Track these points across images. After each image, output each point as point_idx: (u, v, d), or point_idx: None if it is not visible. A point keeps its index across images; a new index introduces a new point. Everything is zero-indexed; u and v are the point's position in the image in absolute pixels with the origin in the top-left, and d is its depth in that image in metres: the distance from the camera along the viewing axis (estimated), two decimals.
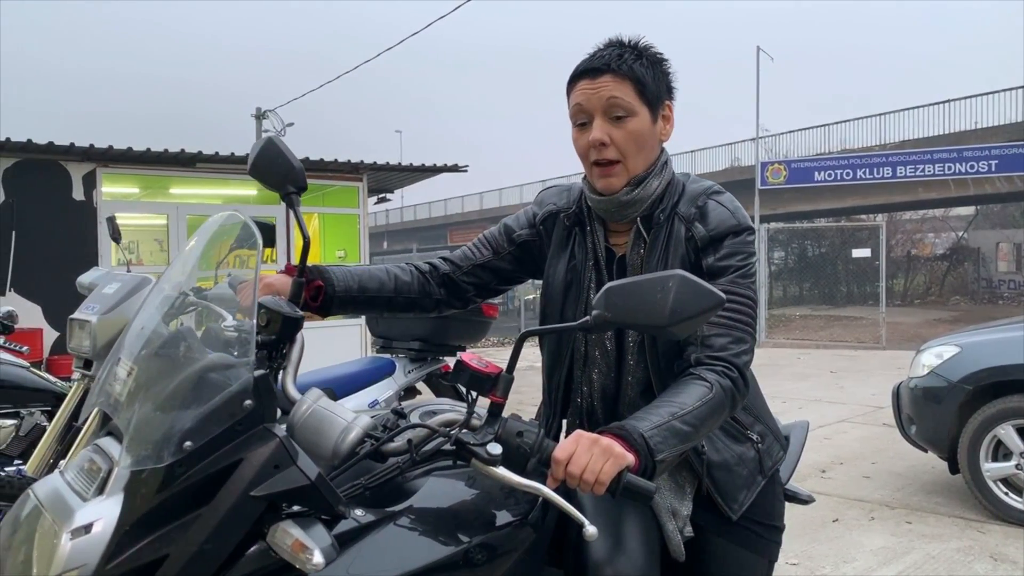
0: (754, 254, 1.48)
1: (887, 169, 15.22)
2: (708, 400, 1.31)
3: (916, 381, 4.75)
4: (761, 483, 1.55)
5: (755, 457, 1.55)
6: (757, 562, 1.55)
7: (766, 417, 1.64)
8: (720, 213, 1.47)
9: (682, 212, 1.49)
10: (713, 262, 1.44)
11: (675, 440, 1.24)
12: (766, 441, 1.59)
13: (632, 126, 1.44)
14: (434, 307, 1.70)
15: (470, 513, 1.24)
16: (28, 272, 7.82)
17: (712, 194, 1.51)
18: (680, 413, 1.27)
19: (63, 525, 0.94)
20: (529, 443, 1.15)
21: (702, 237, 1.46)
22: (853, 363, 11.28)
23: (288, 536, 0.98)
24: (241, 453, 1.00)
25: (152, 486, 0.96)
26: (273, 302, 1.31)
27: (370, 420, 1.19)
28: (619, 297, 1.13)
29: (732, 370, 1.37)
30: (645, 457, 1.19)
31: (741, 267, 1.44)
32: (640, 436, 1.20)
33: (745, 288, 1.43)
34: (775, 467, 1.61)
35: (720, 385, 1.34)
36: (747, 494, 1.52)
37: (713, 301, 1.13)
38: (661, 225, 1.49)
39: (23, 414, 3.80)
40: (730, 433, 1.53)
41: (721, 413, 1.36)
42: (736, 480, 1.51)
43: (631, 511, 1.44)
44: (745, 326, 1.42)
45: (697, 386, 1.33)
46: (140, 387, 1.05)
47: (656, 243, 1.49)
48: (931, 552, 3.85)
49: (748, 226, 1.48)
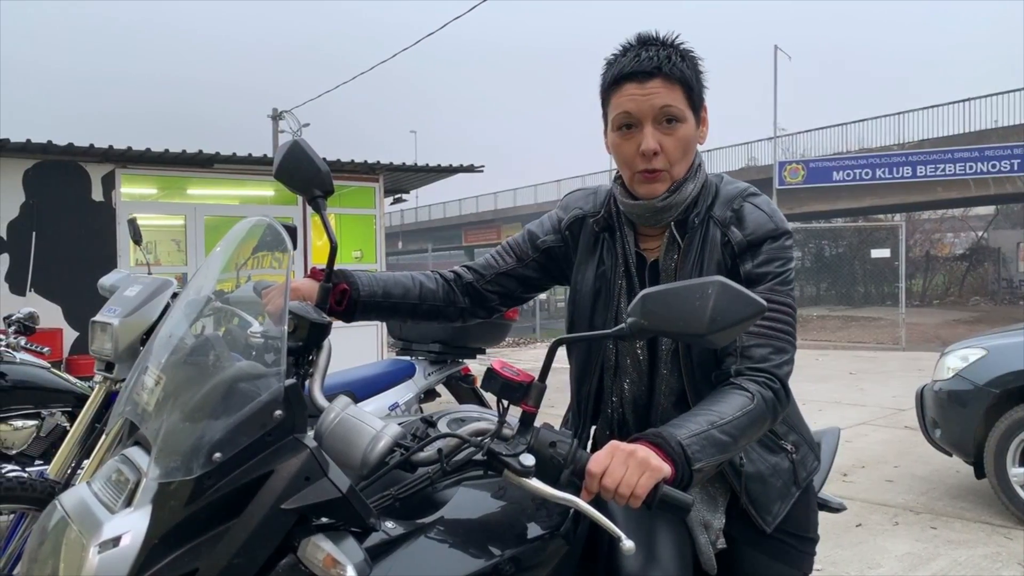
0: (793, 259, 1.44)
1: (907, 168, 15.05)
2: (749, 411, 1.28)
3: (941, 384, 4.68)
4: (795, 494, 1.51)
5: (789, 468, 1.50)
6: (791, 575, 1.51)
7: (800, 426, 1.60)
8: (757, 217, 1.43)
9: (717, 216, 1.45)
10: (751, 269, 1.40)
11: (713, 450, 1.20)
12: (800, 451, 1.55)
13: (681, 133, 1.41)
14: (458, 316, 1.67)
15: (501, 525, 1.21)
16: (48, 272, 7.88)
17: (748, 196, 1.46)
18: (719, 422, 1.23)
19: (91, 538, 0.92)
20: (562, 454, 1.12)
21: (739, 242, 1.42)
22: (872, 364, 11.17)
23: (320, 551, 0.96)
24: (271, 465, 0.97)
25: (181, 498, 0.94)
26: (300, 308, 1.29)
27: (399, 429, 1.16)
28: (656, 304, 1.10)
29: (774, 381, 1.33)
30: (682, 467, 1.15)
31: (780, 273, 1.40)
32: (678, 444, 1.17)
33: (785, 296, 1.39)
34: (809, 477, 1.57)
35: (762, 396, 1.30)
36: (781, 505, 1.48)
37: (754, 309, 1.09)
38: (696, 229, 1.45)
39: (44, 415, 3.81)
40: (764, 443, 1.48)
41: (762, 425, 1.32)
42: (770, 492, 1.47)
43: (664, 522, 1.40)
44: (786, 335, 1.37)
45: (738, 396, 1.30)
46: (168, 396, 1.03)
47: (691, 248, 1.45)
48: (958, 558, 3.78)
49: (786, 230, 1.44)
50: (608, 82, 1.43)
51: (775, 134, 15.83)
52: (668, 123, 1.39)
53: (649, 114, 1.38)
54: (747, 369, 1.34)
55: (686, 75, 1.40)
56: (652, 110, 1.38)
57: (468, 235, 42.31)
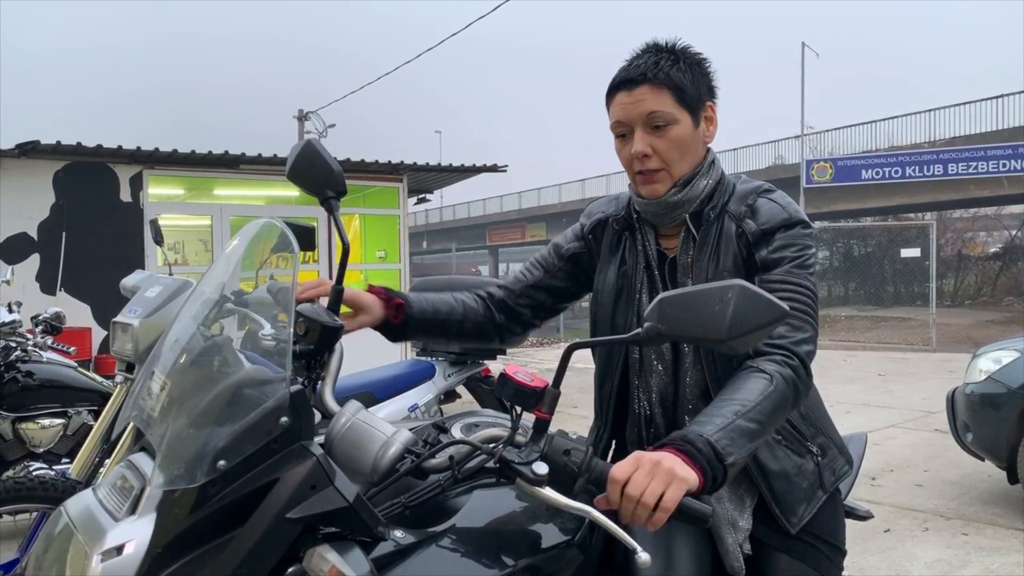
0: (811, 247, 1.43)
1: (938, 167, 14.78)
2: (770, 393, 1.25)
3: (973, 387, 4.58)
4: (822, 498, 1.48)
5: (815, 470, 1.48)
6: None
7: (829, 429, 1.57)
8: (771, 208, 1.44)
9: (732, 210, 1.46)
10: (767, 255, 1.40)
11: (743, 440, 1.18)
12: (828, 455, 1.52)
13: (673, 134, 1.42)
14: (496, 334, 1.67)
15: (515, 534, 1.18)
16: (77, 272, 7.99)
17: (763, 192, 1.48)
18: (744, 410, 1.20)
19: (94, 546, 0.91)
20: (577, 462, 1.09)
21: (753, 232, 1.42)
22: (902, 366, 10.98)
23: (325, 562, 0.94)
24: (277, 473, 0.95)
25: (185, 507, 0.93)
26: (311, 310, 1.27)
27: (410, 435, 1.14)
28: (673, 308, 1.06)
29: (792, 358, 1.30)
30: (714, 466, 1.12)
31: (796, 257, 1.39)
32: (706, 444, 1.13)
33: (802, 278, 1.38)
34: (837, 482, 1.54)
35: (781, 375, 1.27)
36: (807, 508, 1.45)
37: (776, 313, 1.06)
38: (711, 223, 1.46)
39: (71, 413, 3.87)
40: (789, 443, 1.46)
41: (786, 406, 1.28)
42: (795, 491, 1.44)
43: (683, 533, 1.37)
44: (804, 315, 1.35)
45: (757, 379, 1.26)
46: (173, 402, 1.02)
47: (707, 241, 1.45)
48: (990, 566, 3.69)
49: (801, 219, 1.43)
50: (607, 91, 1.48)
51: (803, 132, 15.61)
52: (656, 128, 1.42)
53: (638, 120, 1.42)
54: (765, 346, 1.31)
55: (673, 79, 1.41)
56: (640, 117, 1.42)
57: (492, 235, 42.35)
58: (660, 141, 1.42)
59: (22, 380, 3.76)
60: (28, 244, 7.91)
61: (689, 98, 1.42)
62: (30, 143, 7.60)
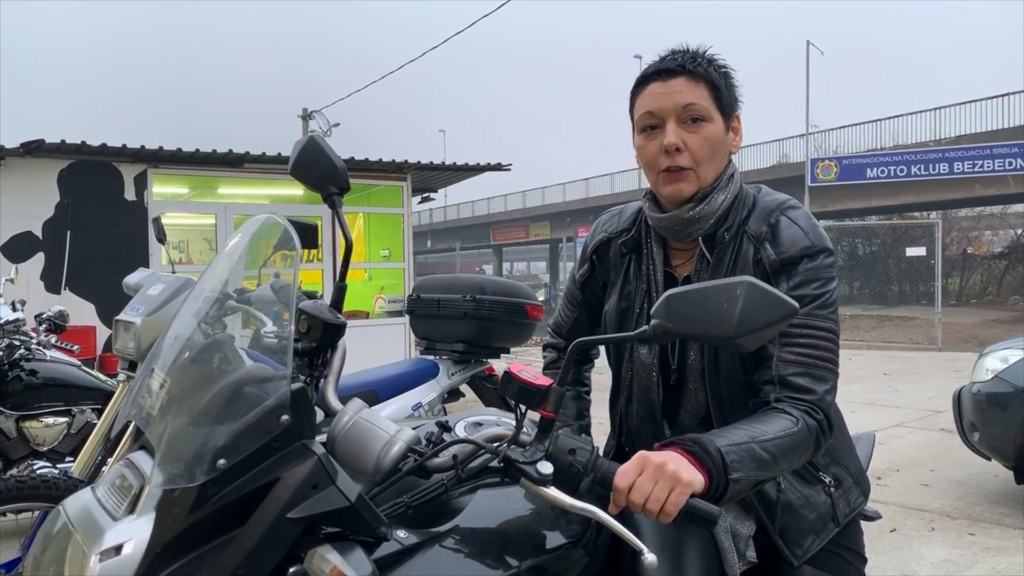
0: (834, 279, 1.35)
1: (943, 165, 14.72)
2: (792, 433, 1.22)
3: (979, 386, 4.56)
4: (833, 531, 1.42)
5: (827, 502, 1.42)
6: None
7: (847, 459, 1.50)
8: (793, 233, 1.35)
9: (752, 230, 1.37)
10: (787, 291, 1.30)
11: (752, 464, 1.15)
12: (843, 486, 1.45)
13: (707, 132, 1.36)
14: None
15: (519, 534, 1.17)
16: (82, 271, 8.00)
17: (786, 209, 1.38)
18: (760, 439, 1.18)
19: (92, 546, 0.89)
20: (582, 461, 1.07)
21: (772, 262, 1.34)
22: (907, 365, 10.95)
23: (326, 563, 0.92)
24: (278, 472, 0.94)
25: (184, 506, 0.91)
26: (314, 307, 1.26)
27: (413, 434, 1.12)
28: (681, 305, 1.05)
29: (817, 412, 1.27)
30: (719, 474, 1.10)
31: (819, 296, 1.31)
32: (717, 451, 1.12)
33: (824, 320, 1.31)
34: (853, 515, 1.47)
35: (805, 423, 1.25)
36: (815, 540, 1.39)
37: (786, 310, 1.04)
38: (727, 244, 1.38)
39: (74, 412, 3.87)
40: (799, 473, 1.40)
41: (803, 451, 1.26)
42: (802, 524, 1.39)
43: (691, 536, 1.35)
44: (827, 363, 1.30)
45: (780, 418, 1.24)
46: (173, 400, 1.01)
47: (721, 265, 1.38)
48: (997, 566, 3.67)
49: (825, 247, 1.35)
50: (635, 84, 1.41)
51: (807, 131, 15.56)
52: (692, 122, 1.35)
53: (672, 112, 1.35)
54: (787, 398, 1.28)
55: (711, 75, 1.36)
56: (675, 108, 1.35)
57: (496, 234, 42.34)
58: (693, 137, 1.35)
59: (26, 379, 3.76)
60: (33, 243, 7.92)
61: (724, 99, 1.37)
62: (35, 142, 7.61)
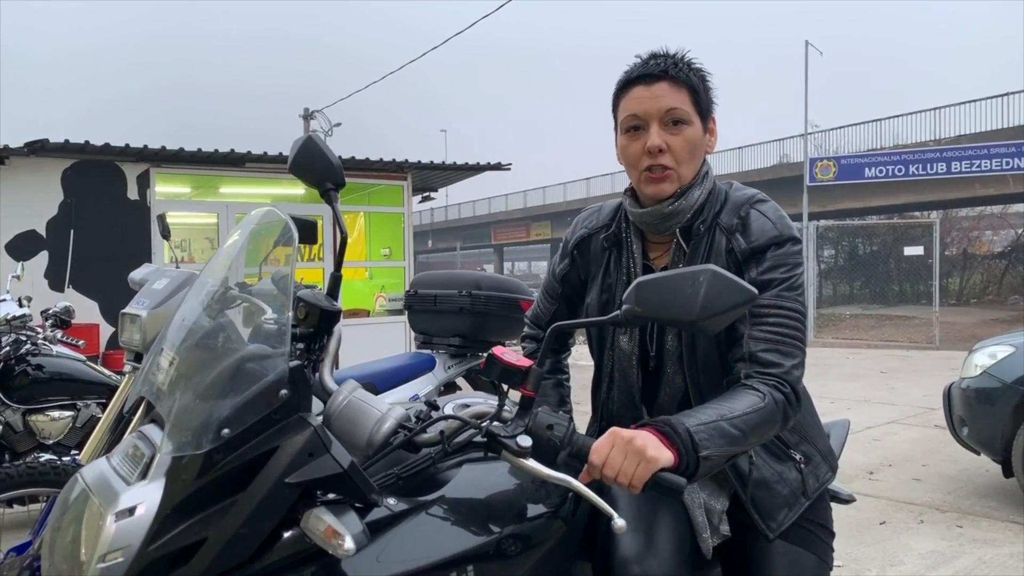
0: (800, 264, 1.44)
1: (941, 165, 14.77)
2: (759, 409, 1.30)
3: (968, 382, 4.63)
4: (804, 504, 1.51)
5: (798, 478, 1.51)
6: (812, 561, 1.50)
7: (815, 437, 1.59)
8: (762, 224, 1.44)
9: (724, 223, 1.46)
10: (756, 276, 1.40)
11: (721, 440, 1.23)
12: (812, 463, 1.54)
13: (688, 134, 1.44)
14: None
15: (502, 504, 1.26)
16: (85, 269, 8.08)
17: (755, 203, 1.47)
18: (729, 416, 1.26)
19: (108, 508, 0.98)
20: (559, 436, 1.16)
21: (743, 251, 1.43)
22: (905, 363, 11.01)
23: (321, 522, 1.01)
24: (277, 441, 1.02)
25: (192, 472, 1.00)
26: (312, 295, 1.35)
27: (404, 411, 1.21)
28: (650, 291, 1.13)
29: (784, 385, 1.35)
30: (688, 453, 1.18)
31: (786, 279, 1.40)
32: (685, 431, 1.20)
33: (791, 301, 1.40)
34: (821, 488, 1.56)
35: (772, 397, 1.33)
36: (788, 514, 1.48)
37: (745, 296, 1.12)
38: (701, 236, 1.47)
39: (79, 406, 3.94)
40: (771, 451, 1.50)
41: (772, 425, 1.34)
42: (775, 499, 1.48)
43: (665, 511, 1.43)
44: (794, 340, 1.39)
45: (748, 395, 1.32)
46: (181, 376, 1.09)
47: (696, 255, 1.47)
48: (983, 557, 3.74)
49: (791, 236, 1.44)
50: (618, 87, 1.49)
51: (806, 131, 15.63)
52: (674, 124, 1.44)
53: (655, 115, 1.43)
54: (756, 373, 1.36)
55: (692, 81, 1.45)
56: (659, 112, 1.43)
57: (497, 233, 42.42)
58: (675, 139, 1.43)
59: (32, 373, 3.83)
60: (37, 241, 8.00)
61: (703, 102, 1.46)
62: (39, 141, 7.70)
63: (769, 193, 1.58)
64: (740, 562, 1.49)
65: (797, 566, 1.47)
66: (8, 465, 2.59)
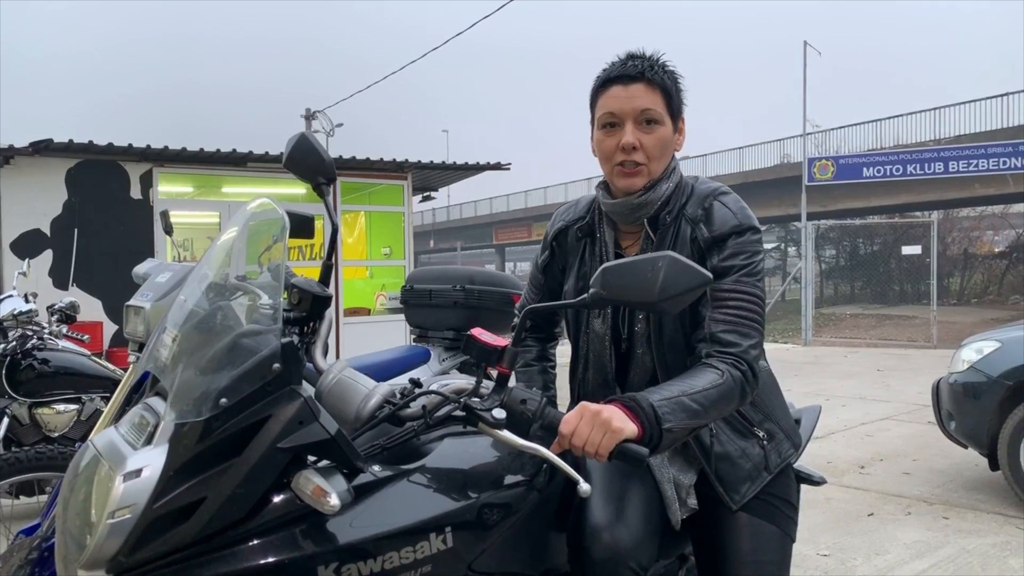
0: (760, 253, 1.54)
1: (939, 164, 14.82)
2: (718, 385, 1.39)
3: (956, 376, 4.72)
4: (767, 478, 1.61)
5: (760, 453, 1.61)
6: (774, 533, 1.59)
7: (778, 416, 1.69)
8: (723, 214, 1.53)
9: (689, 213, 1.56)
10: (717, 263, 1.50)
11: (683, 414, 1.32)
12: (775, 439, 1.64)
13: (660, 133, 1.55)
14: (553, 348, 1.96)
15: (480, 474, 1.35)
16: (89, 268, 8.19)
17: (718, 195, 1.57)
18: (690, 392, 1.36)
19: (117, 470, 1.08)
20: (532, 410, 1.26)
21: (705, 239, 1.52)
22: (902, 362, 11.10)
23: (309, 483, 1.11)
24: (270, 410, 1.12)
25: (193, 437, 1.09)
26: (304, 282, 1.45)
27: (389, 388, 1.31)
28: (613, 276, 1.24)
29: (742, 363, 1.44)
30: (652, 425, 1.27)
31: (745, 266, 1.50)
32: (649, 406, 1.29)
33: (750, 286, 1.49)
34: (784, 464, 1.66)
35: (731, 375, 1.42)
36: (750, 487, 1.58)
37: (700, 279, 1.22)
38: (668, 226, 1.57)
39: (84, 400, 4.01)
40: (735, 428, 1.59)
41: (730, 400, 1.43)
42: (739, 472, 1.57)
43: (637, 485, 1.53)
44: (752, 322, 1.48)
45: (708, 372, 1.42)
46: (183, 352, 1.19)
47: (664, 244, 1.56)
48: (965, 546, 3.83)
49: (751, 226, 1.54)
50: (597, 84, 1.59)
51: (804, 130, 15.71)
52: (647, 124, 1.54)
53: (631, 114, 1.53)
54: (716, 352, 1.45)
55: (666, 83, 1.55)
56: (634, 112, 1.53)
57: (499, 234, 42.50)
58: (648, 137, 1.53)
59: (38, 367, 3.91)
60: (41, 240, 8.11)
61: (674, 104, 1.57)
62: (43, 141, 7.80)
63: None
64: (707, 533, 1.59)
65: (760, 537, 1.57)
66: (17, 450, 2.68)
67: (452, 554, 1.24)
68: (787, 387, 8.01)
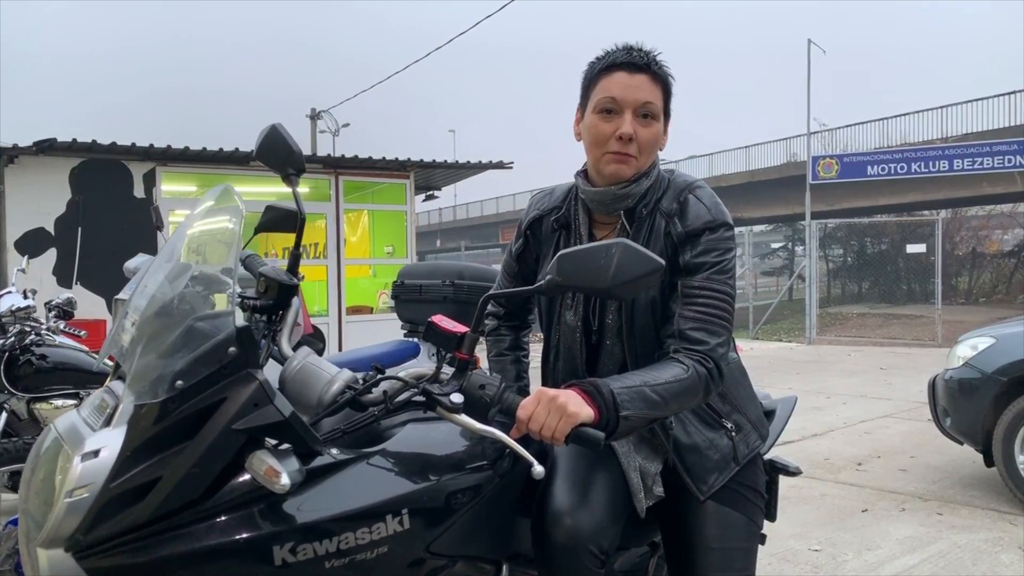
0: (732, 249, 1.54)
1: (943, 163, 14.71)
2: (682, 379, 1.41)
3: (951, 373, 4.70)
4: (734, 469, 1.62)
5: (729, 444, 1.62)
6: (741, 521, 1.61)
7: (747, 408, 1.70)
8: (697, 209, 1.53)
9: (664, 207, 1.56)
10: (690, 259, 1.50)
11: (642, 403, 1.34)
12: (742, 431, 1.65)
13: (654, 129, 1.55)
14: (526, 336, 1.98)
15: (440, 458, 1.37)
16: (92, 266, 8.26)
17: (693, 189, 1.57)
18: (652, 383, 1.37)
19: (76, 450, 1.10)
20: (490, 394, 1.28)
21: (679, 234, 1.52)
22: (905, 360, 11.06)
23: (262, 463, 1.13)
24: (225, 393, 1.15)
25: (150, 419, 1.12)
26: (272, 271, 1.48)
27: (351, 374, 1.33)
28: (569, 263, 1.25)
29: (708, 361, 1.45)
30: (609, 411, 1.29)
31: (717, 263, 1.50)
32: (609, 392, 1.31)
33: (721, 284, 1.49)
34: (751, 455, 1.67)
35: (696, 371, 1.43)
36: (718, 477, 1.59)
37: (652, 266, 1.24)
38: (643, 219, 1.57)
39: (82, 395, 4.04)
40: (703, 419, 1.61)
41: (693, 395, 1.44)
42: (706, 463, 1.59)
43: (602, 473, 1.54)
44: (721, 320, 1.49)
45: (674, 367, 1.43)
46: (142, 335, 1.22)
47: (638, 236, 1.56)
48: (958, 542, 3.83)
49: (724, 222, 1.53)
50: (600, 67, 1.56)
51: (809, 129, 15.64)
52: (644, 117, 1.54)
53: (632, 104, 1.52)
54: (684, 348, 1.47)
55: (667, 81, 1.56)
56: (635, 102, 1.52)
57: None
58: (644, 130, 1.52)
59: (36, 363, 3.94)
60: (45, 239, 8.19)
61: (669, 103, 1.58)
62: (47, 140, 7.88)
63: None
64: (675, 521, 1.61)
65: (726, 525, 1.58)
66: (6, 440, 2.71)
67: (409, 535, 1.26)
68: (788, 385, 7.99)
